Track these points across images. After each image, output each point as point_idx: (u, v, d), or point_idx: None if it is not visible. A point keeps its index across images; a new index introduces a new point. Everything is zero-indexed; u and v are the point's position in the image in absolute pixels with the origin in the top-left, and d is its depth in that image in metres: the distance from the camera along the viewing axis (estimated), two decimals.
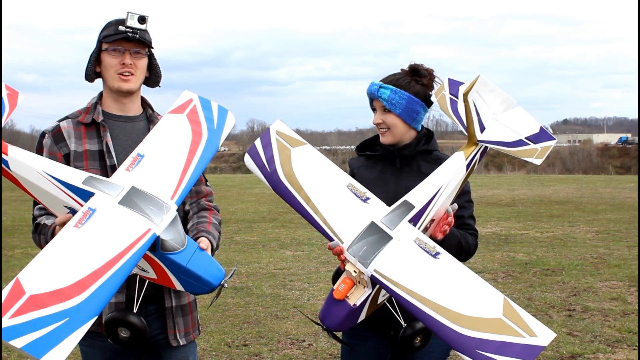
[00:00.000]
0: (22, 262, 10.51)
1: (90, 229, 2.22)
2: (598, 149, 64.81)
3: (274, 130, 2.84)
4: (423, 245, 2.52)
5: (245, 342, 6.35)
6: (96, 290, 2.07)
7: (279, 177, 2.73)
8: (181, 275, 2.42)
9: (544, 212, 16.50)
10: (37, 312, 1.96)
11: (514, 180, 30.35)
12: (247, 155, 2.83)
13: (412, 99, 3.01)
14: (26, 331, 1.91)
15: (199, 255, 2.45)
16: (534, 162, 2.86)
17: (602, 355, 5.85)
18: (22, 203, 19.71)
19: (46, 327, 1.94)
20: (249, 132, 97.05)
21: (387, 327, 3.00)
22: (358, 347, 3.12)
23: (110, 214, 2.28)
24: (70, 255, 2.14)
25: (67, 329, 1.96)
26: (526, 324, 2.28)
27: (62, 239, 2.20)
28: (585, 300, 7.66)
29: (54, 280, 2.06)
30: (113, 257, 2.16)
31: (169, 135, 2.62)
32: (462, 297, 2.37)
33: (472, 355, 2.22)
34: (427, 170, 3.00)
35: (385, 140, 3.06)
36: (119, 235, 2.23)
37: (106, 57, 2.83)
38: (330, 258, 9.97)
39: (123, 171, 2.46)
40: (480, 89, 2.91)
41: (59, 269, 2.10)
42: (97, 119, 2.85)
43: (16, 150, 2.39)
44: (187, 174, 2.51)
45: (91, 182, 2.36)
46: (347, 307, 2.51)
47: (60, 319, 1.97)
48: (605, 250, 10.89)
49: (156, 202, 2.35)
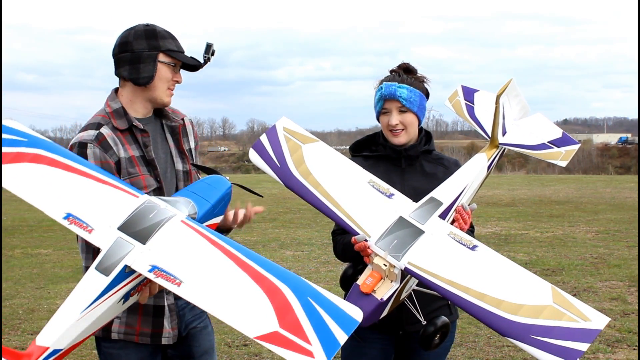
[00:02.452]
0: (22, 262, 10.52)
1: (183, 272, 2.11)
2: (598, 149, 64.77)
3: (281, 127, 2.86)
4: (458, 239, 2.53)
5: (245, 342, 6.35)
6: (274, 274, 2.05)
7: (290, 172, 2.74)
8: (215, 212, 2.56)
9: (544, 212, 16.49)
10: (301, 321, 1.91)
11: (514, 180, 30.35)
12: (252, 150, 2.85)
13: (422, 96, 3.06)
14: (327, 332, 1.89)
15: (200, 190, 2.55)
16: (560, 164, 3.04)
17: (602, 355, 5.85)
18: (22, 203, 19.56)
19: (320, 313, 1.93)
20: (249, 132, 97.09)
21: (393, 327, 3.01)
22: (363, 348, 3.11)
23: (160, 253, 2.18)
24: (225, 291, 2.06)
25: (319, 297, 1.96)
26: (578, 309, 2.29)
27: (197, 297, 2.07)
28: (585, 300, 7.65)
29: (259, 306, 1.99)
30: (229, 257, 2.13)
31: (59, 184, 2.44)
32: (508, 286, 2.36)
33: (526, 340, 2.22)
34: (430, 170, 3.03)
35: (400, 141, 3.05)
36: (195, 248, 2.19)
37: (163, 69, 2.83)
38: (330, 258, 9.97)
39: (90, 235, 2.28)
40: (510, 92, 3.02)
41: (244, 301, 2.02)
42: (137, 125, 2.82)
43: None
44: (100, 176, 2.42)
45: (106, 269, 2.18)
46: (374, 301, 2.50)
47: (309, 303, 1.94)
48: (605, 250, 10.89)
49: (143, 210, 2.30)
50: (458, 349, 5.90)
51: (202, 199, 2.51)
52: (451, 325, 3.13)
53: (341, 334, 1.87)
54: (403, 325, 3.03)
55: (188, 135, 3.03)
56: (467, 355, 5.81)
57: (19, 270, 9.83)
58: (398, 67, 3.09)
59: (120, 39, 2.84)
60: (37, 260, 10.69)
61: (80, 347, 2.02)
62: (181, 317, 2.92)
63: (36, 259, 10.76)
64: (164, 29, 2.87)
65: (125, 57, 2.79)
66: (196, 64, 2.89)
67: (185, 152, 2.97)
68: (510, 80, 2.96)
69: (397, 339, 3.11)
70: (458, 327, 4.38)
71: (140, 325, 2.78)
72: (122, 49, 2.81)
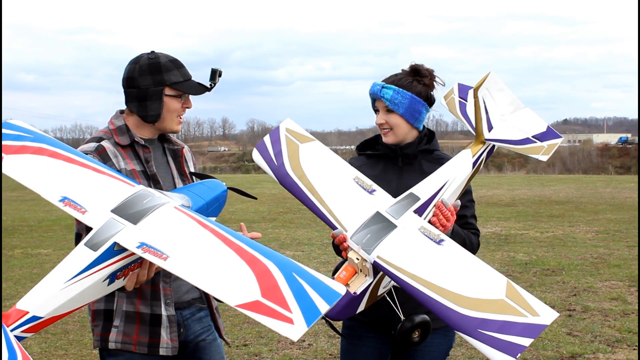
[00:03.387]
0: (22, 262, 10.52)
1: (171, 248, 2.12)
2: (598, 149, 64.81)
3: (284, 128, 2.93)
4: (427, 233, 2.55)
5: (245, 342, 6.35)
6: (260, 252, 2.06)
7: (285, 171, 2.79)
8: (209, 211, 2.58)
9: (544, 212, 16.49)
10: (284, 292, 1.92)
11: (514, 180, 30.36)
12: (255, 150, 2.92)
13: (415, 98, 3.03)
14: (309, 302, 1.89)
15: (197, 189, 2.60)
16: (540, 158, 2.97)
17: (602, 355, 5.85)
18: (22, 203, 19.71)
19: (303, 286, 1.93)
20: (249, 132, 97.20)
21: (388, 327, 3.01)
22: (359, 347, 3.12)
23: (150, 232, 2.20)
24: (211, 264, 2.08)
25: (304, 273, 1.96)
26: (529, 304, 2.29)
27: (184, 269, 2.08)
28: (585, 300, 7.65)
29: (243, 277, 2.00)
30: (217, 236, 2.14)
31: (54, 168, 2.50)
32: (464, 280, 2.38)
33: (473, 334, 2.23)
34: (429, 169, 3.03)
35: (387, 140, 3.08)
36: (185, 228, 2.21)
37: (170, 102, 2.85)
38: (330, 258, 9.98)
39: (84, 216, 2.32)
40: (490, 86, 2.99)
41: (228, 274, 2.03)
42: (139, 140, 2.84)
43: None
44: (101, 168, 2.47)
45: (95, 244, 2.21)
46: (348, 294, 2.52)
47: (293, 277, 1.95)
48: (605, 250, 10.89)
49: (138, 196, 2.34)
50: (458, 349, 5.90)
51: (197, 196, 2.56)
52: (448, 328, 3.11)
53: (322, 304, 1.89)
54: (395, 324, 3.03)
55: (188, 161, 3.07)
56: (467, 355, 5.82)
57: (19, 270, 9.83)
58: (409, 68, 3.09)
59: (126, 73, 2.86)
60: (37, 260, 10.69)
61: (80, 347, 2.02)
62: (187, 328, 2.91)
63: (36, 259, 10.76)
64: (168, 58, 2.87)
65: (133, 93, 2.83)
66: (203, 92, 2.90)
67: (186, 174, 2.99)
68: (488, 73, 2.93)
69: (392, 338, 3.12)
70: None
71: (137, 334, 2.77)
72: (128, 84, 2.84)
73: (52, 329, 6.73)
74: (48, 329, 6.70)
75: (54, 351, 6.08)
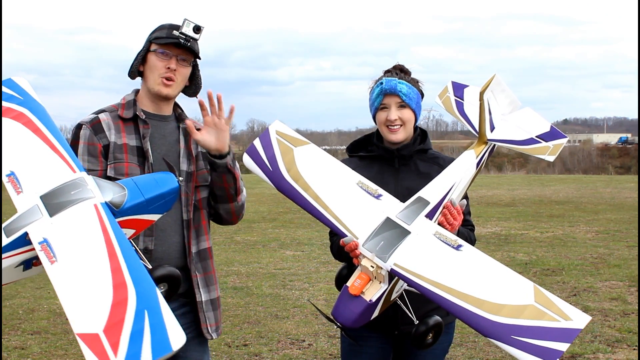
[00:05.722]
0: None
1: (64, 252, 2.12)
2: (598, 149, 64.72)
3: (274, 130, 2.86)
4: (444, 239, 2.52)
5: (245, 342, 6.35)
6: (132, 276, 2.02)
7: (282, 176, 2.75)
8: (150, 208, 2.47)
9: (544, 212, 16.49)
10: (123, 330, 1.88)
11: (514, 180, 30.34)
12: (245, 155, 2.85)
13: (419, 95, 3.07)
14: (137, 350, 1.84)
15: (143, 182, 2.49)
16: (547, 158, 2.98)
17: (602, 355, 5.85)
18: None
19: (144, 329, 1.88)
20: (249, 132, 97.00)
21: (390, 327, 3.01)
22: (361, 347, 3.12)
23: (58, 229, 2.20)
24: (84, 280, 2.05)
25: (155, 313, 1.92)
26: (560, 309, 2.27)
27: (60, 279, 2.08)
28: (585, 300, 7.66)
29: (100, 304, 1.97)
30: (107, 249, 2.11)
31: (18, 141, 2.53)
32: (490, 286, 2.36)
33: (508, 341, 2.22)
34: (424, 169, 3.02)
35: (397, 138, 3.04)
36: (86, 233, 2.17)
37: (153, 58, 2.85)
38: (330, 258, 9.97)
39: (17, 196, 2.35)
40: (494, 88, 2.98)
41: (91, 296, 2.01)
42: (140, 115, 2.86)
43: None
44: (58, 147, 2.47)
45: (10, 230, 2.24)
46: (363, 303, 2.50)
47: (142, 315, 1.91)
48: (605, 250, 10.89)
49: (70, 185, 2.32)
50: (458, 349, 5.90)
51: (139, 191, 2.48)
52: (449, 326, 3.13)
53: (147, 355, 1.84)
54: (398, 325, 3.03)
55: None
56: (467, 355, 5.81)
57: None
58: (393, 68, 3.10)
59: None
60: None
61: (76, 346, 2.01)
62: None
63: None
64: (173, 23, 2.85)
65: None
66: (177, 41, 2.81)
67: (192, 154, 2.96)
68: (494, 75, 2.93)
69: (395, 338, 3.12)
70: (458, 327, 4.37)
71: None
72: None
73: (52, 329, 6.74)
74: (48, 329, 6.71)
75: (54, 351, 6.07)
